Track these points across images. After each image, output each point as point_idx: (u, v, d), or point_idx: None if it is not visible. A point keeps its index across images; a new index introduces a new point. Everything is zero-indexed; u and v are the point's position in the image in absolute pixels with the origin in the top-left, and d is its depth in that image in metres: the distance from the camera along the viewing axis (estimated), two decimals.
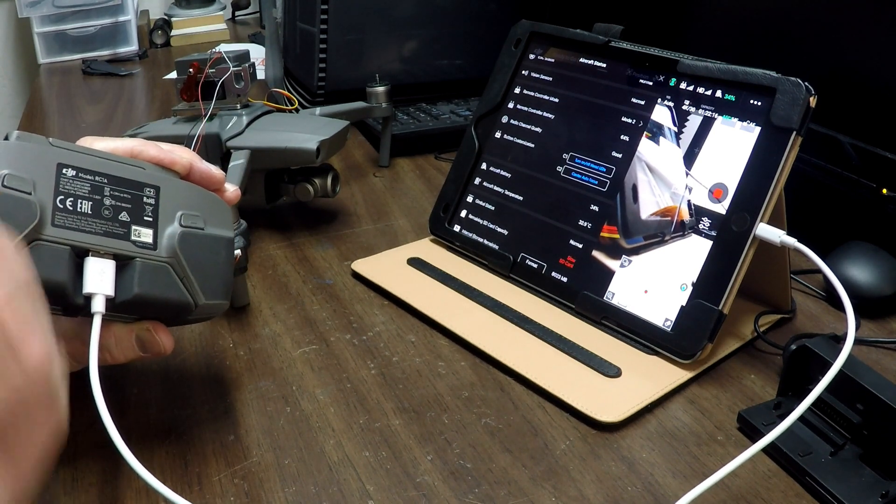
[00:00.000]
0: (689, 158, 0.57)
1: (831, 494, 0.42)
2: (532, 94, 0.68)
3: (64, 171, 0.40)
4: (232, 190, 0.50)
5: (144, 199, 0.43)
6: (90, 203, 0.41)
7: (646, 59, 0.61)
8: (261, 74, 1.20)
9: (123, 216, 0.42)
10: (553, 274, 0.61)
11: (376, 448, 0.47)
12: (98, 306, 0.40)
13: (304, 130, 0.70)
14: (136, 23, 1.46)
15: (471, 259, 0.67)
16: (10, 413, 0.31)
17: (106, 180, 0.42)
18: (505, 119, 0.69)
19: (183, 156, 0.46)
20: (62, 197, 0.40)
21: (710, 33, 0.81)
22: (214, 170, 0.48)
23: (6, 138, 0.40)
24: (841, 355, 0.44)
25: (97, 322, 0.40)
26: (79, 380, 0.47)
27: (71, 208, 0.40)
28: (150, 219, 0.43)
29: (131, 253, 0.41)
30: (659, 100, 0.59)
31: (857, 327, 0.58)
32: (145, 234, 0.42)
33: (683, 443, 0.48)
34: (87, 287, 0.40)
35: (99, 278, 0.40)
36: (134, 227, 0.42)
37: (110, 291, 0.41)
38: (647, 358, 0.54)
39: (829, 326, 0.59)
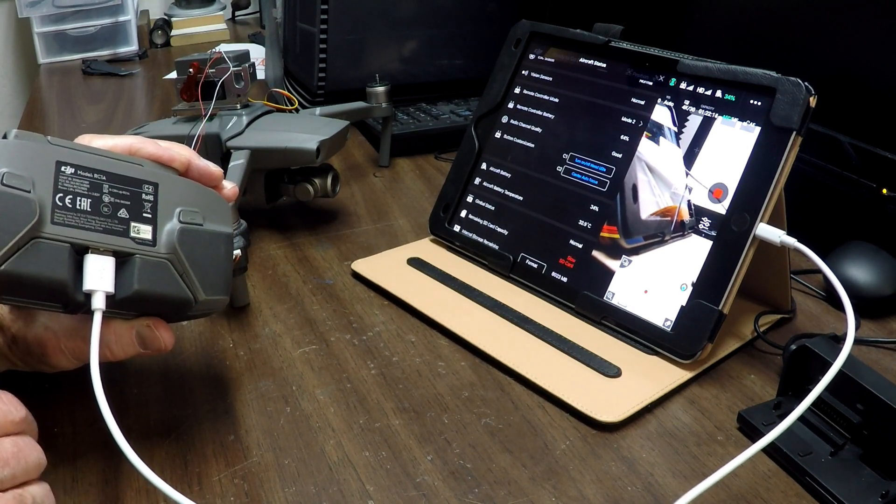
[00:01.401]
0: (689, 158, 0.57)
1: (831, 494, 0.42)
2: (532, 94, 0.68)
3: (63, 168, 0.40)
4: (230, 187, 0.50)
5: (143, 195, 0.43)
6: (89, 200, 0.41)
7: (646, 59, 0.61)
8: (261, 74, 1.19)
9: (122, 213, 0.42)
10: (553, 274, 0.61)
11: (376, 448, 0.47)
12: (98, 303, 0.40)
13: (304, 130, 0.70)
14: (136, 23, 1.46)
15: (471, 259, 0.67)
16: None
17: (104, 177, 0.42)
18: (505, 119, 0.69)
19: (181, 153, 0.46)
20: (61, 194, 0.40)
21: (710, 33, 0.81)
22: (212, 167, 0.48)
23: (4, 136, 0.40)
24: (841, 355, 0.44)
25: (97, 319, 0.40)
26: (79, 378, 0.48)
27: (70, 206, 0.40)
28: (149, 215, 0.43)
29: (131, 249, 0.41)
30: (659, 100, 0.59)
31: (857, 327, 0.58)
32: (144, 231, 0.42)
33: (683, 443, 0.48)
34: (87, 284, 0.40)
35: (99, 275, 0.40)
36: (133, 224, 0.42)
37: (110, 288, 0.41)
38: (647, 358, 0.54)
39: (829, 326, 0.59)
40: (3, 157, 0.38)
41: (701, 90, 0.57)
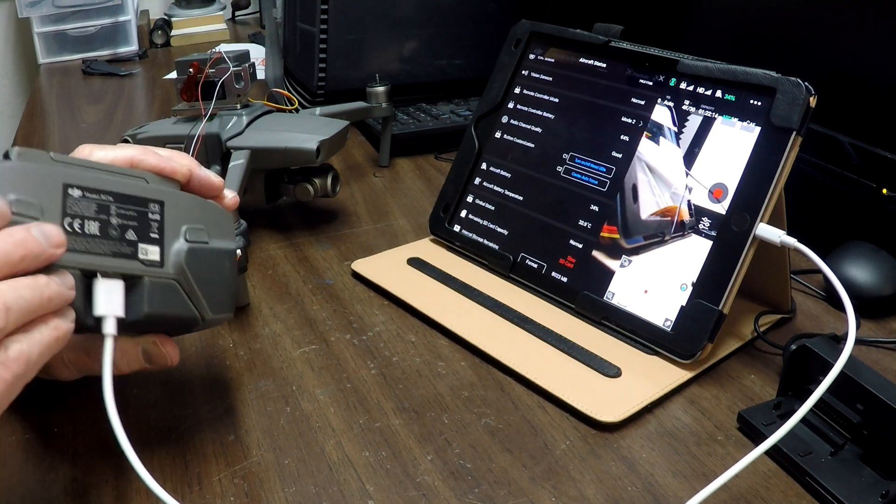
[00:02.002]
0: (689, 158, 0.57)
1: (831, 494, 0.42)
2: (532, 94, 0.68)
3: (70, 191, 0.39)
4: (231, 196, 0.49)
5: (150, 215, 0.42)
6: (97, 224, 0.40)
7: (646, 59, 0.61)
8: (261, 74, 1.19)
9: (130, 235, 0.41)
10: (553, 274, 0.61)
11: (376, 448, 0.47)
12: (109, 329, 0.40)
13: (304, 130, 0.70)
14: (136, 23, 1.46)
15: (471, 259, 0.67)
16: None
17: (112, 198, 0.41)
18: (505, 119, 0.69)
19: (182, 163, 0.46)
20: (69, 219, 0.38)
21: (710, 33, 0.81)
22: (213, 177, 0.48)
23: (6, 156, 0.38)
24: (842, 356, 0.44)
25: (109, 345, 0.40)
26: (79, 381, 0.48)
27: (79, 231, 0.39)
28: (157, 236, 0.42)
29: (139, 272, 0.41)
30: (659, 100, 0.59)
31: (857, 327, 0.58)
32: (152, 252, 0.42)
33: (683, 443, 0.48)
34: (98, 310, 0.39)
35: (109, 300, 0.39)
36: (141, 246, 0.41)
37: (121, 313, 0.40)
38: (647, 358, 0.54)
39: (829, 326, 0.59)
40: (10, 183, 0.37)
41: (701, 90, 0.57)
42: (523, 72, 0.69)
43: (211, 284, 0.44)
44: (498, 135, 0.69)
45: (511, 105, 0.69)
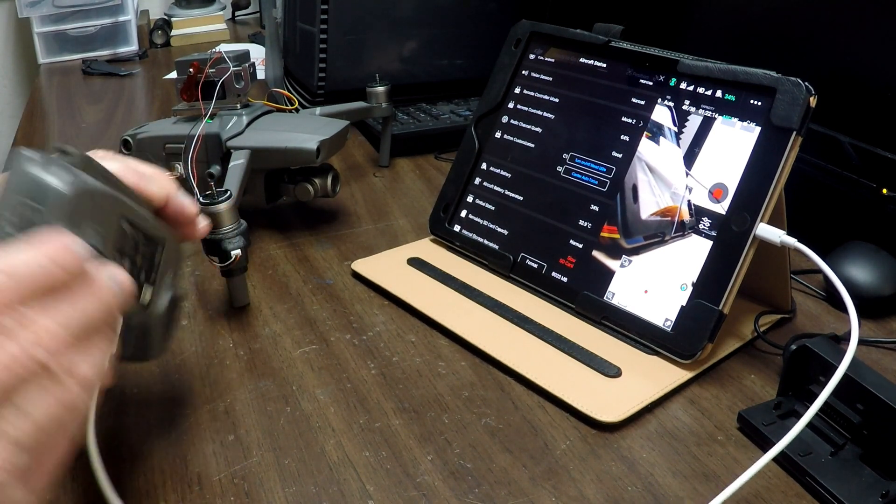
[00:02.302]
0: (689, 158, 0.57)
1: (831, 494, 0.42)
2: (532, 93, 0.68)
3: (123, 224, 0.37)
4: (204, 225, 0.48)
5: (155, 256, 0.41)
6: (129, 262, 0.38)
7: (646, 59, 0.61)
8: (261, 74, 1.20)
9: (142, 276, 0.40)
10: (553, 274, 0.61)
11: (376, 448, 0.47)
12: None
13: (304, 130, 0.70)
14: (136, 23, 1.46)
15: (471, 259, 0.67)
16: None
17: (142, 237, 0.40)
18: (505, 119, 0.69)
19: (162, 186, 0.44)
20: (116, 254, 0.37)
21: (710, 33, 0.81)
22: (188, 206, 0.45)
23: (63, 151, 0.35)
24: (846, 358, 0.44)
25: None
26: None
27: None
28: (154, 277, 0.42)
29: (134, 312, 0.40)
30: (659, 100, 0.59)
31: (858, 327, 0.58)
32: (147, 294, 0.41)
33: (683, 443, 0.48)
34: None
35: None
36: (144, 287, 0.41)
37: (113, 349, 0.40)
38: (647, 358, 0.54)
39: (829, 326, 0.59)
40: (80, 207, 0.34)
41: (701, 90, 0.57)
42: (523, 72, 0.69)
43: (168, 331, 0.45)
44: (498, 135, 0.69)
45: (511, 105, 0.69)
